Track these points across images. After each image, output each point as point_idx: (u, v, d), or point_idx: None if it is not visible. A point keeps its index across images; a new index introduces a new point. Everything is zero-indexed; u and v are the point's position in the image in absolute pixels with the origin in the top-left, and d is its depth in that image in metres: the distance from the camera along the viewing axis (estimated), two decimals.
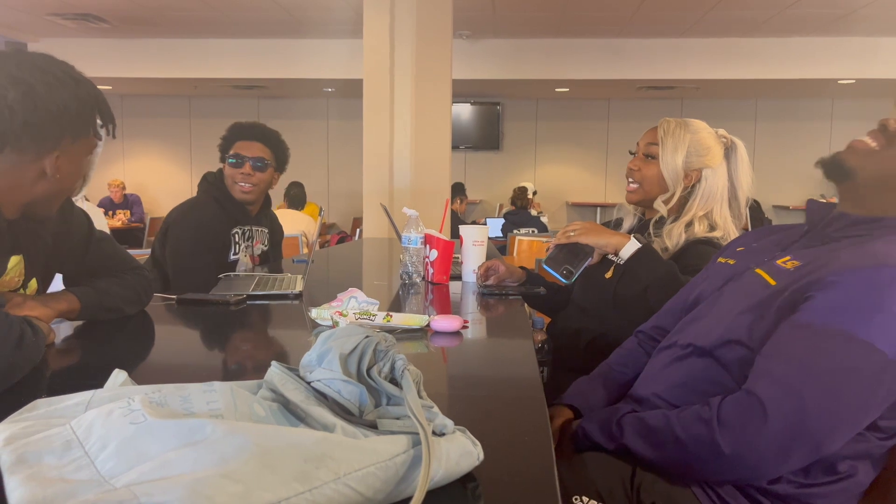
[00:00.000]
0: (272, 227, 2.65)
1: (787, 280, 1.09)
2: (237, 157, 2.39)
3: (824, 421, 0.96)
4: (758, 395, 0.98)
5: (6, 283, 1.25)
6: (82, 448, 0.59)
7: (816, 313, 1.01)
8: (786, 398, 0.96)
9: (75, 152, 1.23)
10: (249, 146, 2.41)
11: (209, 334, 1.52)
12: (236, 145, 2.42)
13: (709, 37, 7.23)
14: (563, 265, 1.65)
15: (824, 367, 0.97)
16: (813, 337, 0.99)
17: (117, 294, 1.44)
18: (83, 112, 1.21)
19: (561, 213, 9.89)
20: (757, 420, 0.97)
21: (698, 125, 1.81)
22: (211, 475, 0.54)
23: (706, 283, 1.31)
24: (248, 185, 2.40)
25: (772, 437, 0.96)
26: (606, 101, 9.68)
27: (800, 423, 0.95)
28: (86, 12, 6.37)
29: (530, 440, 0.84)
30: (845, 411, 0.97)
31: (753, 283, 1.16)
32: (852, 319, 0.97)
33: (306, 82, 8.19)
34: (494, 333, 1.58)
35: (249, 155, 2.40)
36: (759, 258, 1.24)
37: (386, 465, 0.61)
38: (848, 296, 0.99)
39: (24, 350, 1.02)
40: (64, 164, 1.21)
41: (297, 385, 0.73)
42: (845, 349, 0.96)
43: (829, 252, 1.09)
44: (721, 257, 1.36)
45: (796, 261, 1.13)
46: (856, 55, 7.12)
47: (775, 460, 0.98)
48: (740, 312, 1.12)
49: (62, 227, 1.40)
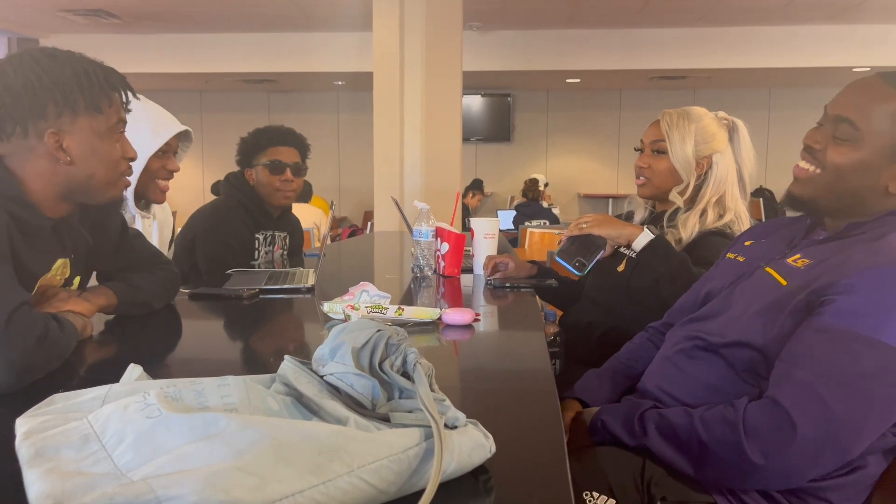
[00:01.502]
0: (292, 231, 2.63)
1: (800, 280, 1.08)
2: (277, 163, 2.36)
3: (852, 427, 0.95)
4: (783, 404, 0.97)
5: (50, 281, 1.27)
6: (99, 442, 0.60)
7: (836, 316, 1.00)
8: (812, 406, 0.96)
9: (81, 131, 1.20)
10: (287, 152, 2.39)
11: (223, 328, 1.53)
12: (271, 151, 2.38)
13: (721, 26, 7.16)
14: (576, 257, 1.65)
15: (849, 373, 0.96)
16: (835, 341, 0.98)
17: (149, 289, 1.47)
18: (66, 86, 1.17)
19: (572, 204, 9.85)
20: (786, 430, 0.96)
21: (699, 112, 1.80)
22: (226, 468, 0.55)
23: (715, 280, 1.31)
24: (290, 192, 2.39)
25: (801, 446, 0.95)
26: (618, 91, 9.62)
27: (828, 431, 0.95)
28: (97, 8, 6.40)
29: (542, 434, 0.84)
30: (872, 415, 0.96)
31: (765, 283, 1.15)
32: (873, 322, 0.96)
33: (317, 76, 8.19)
34: (506, 326, 1.58)
35: (289, 161, 2.38)
36: (768, 255, 1.23)
37: (399, 457, 0.62)
38: (867, 297, 0.98)
39: (47, 345, 1.04)
40: (73, 144, 1.19)
41: (311, 379, 0.73)
42: (868, 353, 0.96)
43: (840, 250, 1.08)
44: (730, 253, 1.35)
45: (807, 259, 1.12)
46: (870, 43, 7.02)
47: (805, 468, 0.97)
48: (754, 314, 1.11)
49: (100, 221, 1.41)
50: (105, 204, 1.32)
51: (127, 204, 1.85)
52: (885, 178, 1.10)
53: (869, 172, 1.10)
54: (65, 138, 1.19)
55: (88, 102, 1.20)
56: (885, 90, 1.09)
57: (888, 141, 1.08)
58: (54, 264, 1.26)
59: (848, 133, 1.10)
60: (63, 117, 1.18)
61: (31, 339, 1.00)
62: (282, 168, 2.36)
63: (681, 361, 1.20)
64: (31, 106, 1.15)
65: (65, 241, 1.29)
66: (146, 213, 1.94)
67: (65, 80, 1.17)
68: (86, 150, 1.21)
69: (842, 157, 1.11)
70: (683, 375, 1.19)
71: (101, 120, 1.22)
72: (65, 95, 1.17)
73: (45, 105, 1.16)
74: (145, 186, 1.86)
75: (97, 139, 1.22)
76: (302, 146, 2.46)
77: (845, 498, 1.06)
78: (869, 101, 1.09)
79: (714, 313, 1.22)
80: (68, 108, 1.18)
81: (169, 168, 1.87)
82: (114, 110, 1.25)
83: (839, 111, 1.12)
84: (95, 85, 1.20)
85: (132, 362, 0.78)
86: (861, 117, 1.09)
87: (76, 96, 1.18)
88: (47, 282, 1.26)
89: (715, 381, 1.14)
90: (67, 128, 1.19)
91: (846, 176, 1.12)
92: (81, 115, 1.20)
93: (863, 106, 1.10)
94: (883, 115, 1.08)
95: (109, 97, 1.23)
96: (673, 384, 1.19)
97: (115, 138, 1.26)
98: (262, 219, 2.42)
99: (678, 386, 1.19)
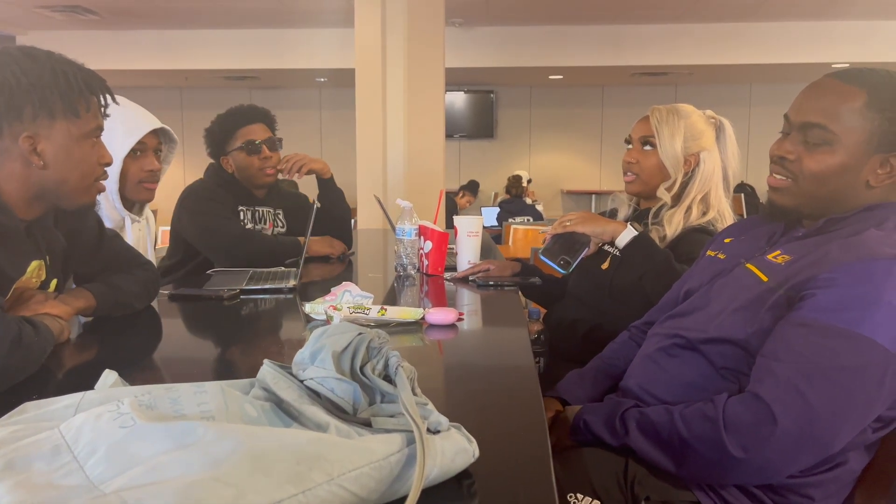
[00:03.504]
0: (286, 206, 2.55)
1: (780, 276, 1.09)
2: (251, 143, 2.31)
3: (832, 421, 0.96)
4: (764, 399, 0.97)
5: (26, 283, 1.24)
6: (71, 453, 0.58)
7: (815, 311, 1.00)
8: (792, 400, 0.96)
9: (57, 135, 1.17)
10: (257, 129, 2.34)
11: (202, 330, 1.51)
12: (241, 133, 2.33)
13: (703, 22, 7.20)
14: (561, 255, 1.64)
15: (829, 367, 0.96)
16: (814, 335, 0.99)
17: (129, 290, 1.44)
18: (44, 89, 1.14)
19: (556, 201, 9.87)
20: (766, 424, 0.96)
21: (688, 109, 1.80)
22: (202, 479, 0.53)
23: (695, 277, 1.31)
24: (272, 169, 2.35)
25: (782, 440, 0.96)
26: (601, 87, 9.65)
27: (808, 425, 0.95)
28: (75, 4, 6.30)
29: (526, 435, 0.84)
30: (852, 410, 0.97)
31: (745, 280, 1.15)
32: (852, 316, 0.97)
33: (298, 72, 8.14)
34: (490, 325, 1.57)
35: (262, 138, 2.33)
36: (748, 252, 1.23)
37: (380, 464, 0.61)
38: (846, 291, 0.99)
39: (22, 350, 1.02)
40: (47, 149, 1.17)
41: (290, 384, 0.72)
42: (848, 347, 0.96)
43: (819, 246, 1.09)
44: (710, 250, 1.35)
45: (787, 255, 1.12)
46: (851, 39, 7.09)
47: (785, 463, 0.98)
48: (734, 310, 1.12)
49: (75, 225, 1.39)
50: (77, 210, 1.29)
51: (117, 209, 1.81)
52: (865, 173, 1.11)
53: (849, 172, 1.11)
54: (40, 142, 1.16)
55: (66, 106, 1.17)
56: (845, 88, 1.10)
57: (862, 136, 1.09)
58: (29, 266, 1.23)
59: (821, 137, 1.11)
60: (39, 120, 1.15)
61: (5, 344, 0.98)
62: (257, 147, 2.32)
63: (661, 359, 1.21)
64: (8, 107, 1.13)
65: (39, 243, 1.27)
66: (137, 217, 1.89)
67: (43, 83, 1.14)
68: (60, 155, 1.19)
69: (819, 163, 1.12)
70: (664, 374, 1.19)
71: (79, 125, 1.20)
72: (42, 98, 1.15)
73: (21, 107, 1.14)
74: (129, 189, 1.82)
75: (73, 144, 1.20)
76: (269, 119, 2.41)
77: (827, 494, 1.07)
78: (834, 102, 1.10)
79: (693, 309, 1.22)
80: (45, 112, 1.15)
81: (147, 168, 1.82)
82: (91, 115, 1.22)
83: (806, 118, 1.12)
84: (75, 88, 1.18)
85: (110, 366, 0.76)
86: (831, 119, 1.10)
87: (54, 100, 1.16)
88: (23, 284, 1.23)
89: (695, 378, 1.14)
90: (43, 132, 1.17)
91: (827, 181, 1.12)
92: (58, 118, 1.17)
93: (830, 108, 1.10)
94: (852, 113, 1.09)
95: (88, 101, 1.20)
96: (654, 383, 1.20)
97: (91, 143, 1.23)
98: (243, 195, 2.37)
99: (659, 384, 1.19)
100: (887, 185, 1.11)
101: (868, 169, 1.10)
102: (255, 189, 2.40)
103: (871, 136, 1.08)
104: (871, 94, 1.08)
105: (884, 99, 1.08)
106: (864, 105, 1.08)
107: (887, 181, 1.11)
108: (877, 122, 1.08)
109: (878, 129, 1.08)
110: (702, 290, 1.24)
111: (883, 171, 1.10)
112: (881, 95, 1.08)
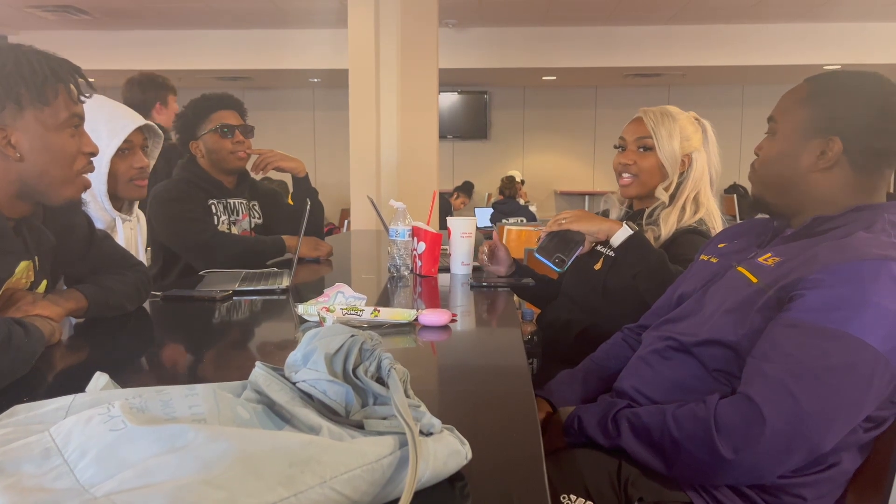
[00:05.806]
0: (262, 197, 2.55)
1: (770, 277, 1.10)
2: (226, 126, 2.31)
3: (821, 421, 0.96)
4: (754, 399, 0.98)
5: (15, 284, 1.23)
6: (61, 456, 0.58)
7: (804, 311, 1.01)
8: (782, 400, 0.96)
9: (29, 125, 1.16)
10: (230, 115, 2.35)
11: (195, 332, 1.50)
12: (216, 117, 2.33)
13: (695, 23, 7.23)
14: (555, 253, 1.64)
15: (818, 367, 0.97)
16: (804, 336, 0.99)
17: (121, 291, 1.43)
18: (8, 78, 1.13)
19: (549, 201, 9.89)
20: (756, 424, 0.96)
21: (676, 111, 1.82)
22: (193, 482, 0.53)
23: (689, 281, 1.32)
24: (244, 154, 2.35)
25: (772, 440, 0.96)
26: (594, 88, 9.67)
27: (798, 425, 0.96)
28: (67, 4, 6.28)
29: (519, 436, 0.84)
30: (841, 410, 0.97)
31: (736, 282, 1.16)
32: (841, 316, 0.98)
33: (292, 73, 8.13)
34: (483, 326, 1.57)
35: (236, 123, 2.34)
36: (740, 255, 1.25)
37: (372, 467, 0.61)
38: (834, 292, 1.00)
39: (12, 352, 1.01)
40: (21, 140, 1.15)
41: (283, 386, 0.71)
42: (837, 347, 0.97)
43: (808, 248, 1.09)
44: (703, 255, 1.36)
45: (777, 257, 1.14)
46: (841, 40, 7.14)
47: (775, 463, 0.98)
48: (725, 312, 1.12)
49: (65, 225, 1.38)
50: (62, 205, 1.27)
51: (107, 209, 1.80)
52: (804, 158, 1.17)
53: (787, 157, 1.19)
54: (12, 133, 1.15)
55: (34, 95, 1.16)
56: (801, 86, 1.20)
57: (797, 123, 1.18)
58: (17, 267, 1.22)
59: (771, 128, 1.23)
60: (6, 110, 1.14)
61: None
62: (231, 130, 2.32)
63: (654, 361, 1.21)
64: None
65: (27, 243, 1.25)
66: (127, 216, 1.87)
67: (6, 72, 1.13)
68: (36, 146, 1.17)
69: (767, 150, 1.23)
70: (657, 375, 1.19)
71: (49, 113, 1.18)
72: (7, 88, 1.13)
73: None
74: (120, 188, 1.81)
75: (48, 134, 1.18)
76: (241, 108, 2.42)
77: (820, 494, 1.07)
78: (788, 97, 1.22)
79: (686, 314, 1.23)
80: (12, 101, 1.14)
81: (136, 165, 1.81)
82: (62, 103, 1.20)
83: (771, 114, 1.25)
84: (39, 75, 1.16)
85: (101, 368, 0.75)
86: (779, 111, 1.22)
87: (19, 88, 1.14)
88: (12, 286, 1.22)
89: (687, 380, 1.14)
90: (13, 122, 1.15)
91: (771, 165, 1.22)
92: (27, 108, 1.16)
93: (783, 103, 1.23)
94: (794, 104, 1.19)
95: (55, 89, 1.18)
96: (647, 384, 1.20)
97: (70, 133, 1.21)
98: (213, 189, 2.35)
99: (652, 386, 1.19)
100: (825, 169, 1.16)
101: (807, 155, 1.16)
102: (224, 176, 2.38)
103: (804, 121, 1.17)
104: (813, 86, 1.18)
105: (821, 89, 1.17)
106: (806, 95, 1.18)
107: (823, 166, 1.15)
108: (810, 108, 1.17)
109: (809, 115, 1.16)
110: (695, 294, 1.25)
111: (822, 157, 1.16)
112: (821, 87, 1.18)
